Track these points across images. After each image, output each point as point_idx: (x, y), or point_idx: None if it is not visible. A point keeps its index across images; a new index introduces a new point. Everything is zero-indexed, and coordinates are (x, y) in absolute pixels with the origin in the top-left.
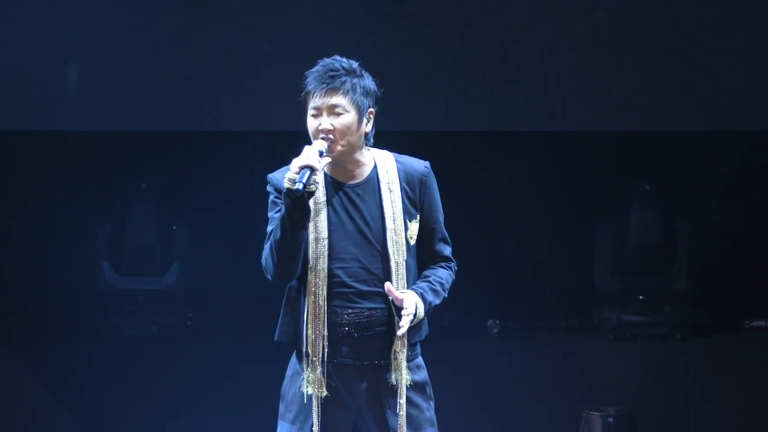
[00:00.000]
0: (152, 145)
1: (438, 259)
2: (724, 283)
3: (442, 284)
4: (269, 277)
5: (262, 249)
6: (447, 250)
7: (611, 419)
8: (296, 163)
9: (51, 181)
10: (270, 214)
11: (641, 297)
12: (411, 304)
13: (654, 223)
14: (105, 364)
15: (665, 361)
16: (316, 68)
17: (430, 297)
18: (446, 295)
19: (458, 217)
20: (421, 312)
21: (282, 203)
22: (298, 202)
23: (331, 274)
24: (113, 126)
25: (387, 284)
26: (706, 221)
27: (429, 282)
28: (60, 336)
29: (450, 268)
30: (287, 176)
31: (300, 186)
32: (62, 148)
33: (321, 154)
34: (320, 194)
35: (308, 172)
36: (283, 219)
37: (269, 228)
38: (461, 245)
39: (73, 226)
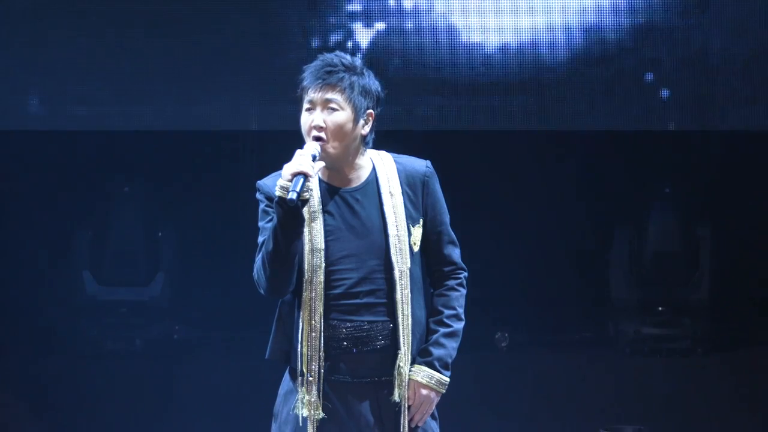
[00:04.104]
0: (136, 146)
1: (446, 264)
2: (750, 293)
3: (457, 315)
4: (262, 291)
5: (254, 261)
6: (455, 254)
7: None
8: (288, 169)
9: (27, 184)
10: (260, 224)
11: (660, 308)
12: (421, 413)
13: (674, 229)
14: (85, 380)
15: (686, 377)
16: (314, 63)
17: (447, 354)
18: (464, 321)
19: (465, 223)
20: (445, 380)
21: (273, 212)
22: (291, 211)
23: (328, 287)
24: (94, 125)
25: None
26: (730, 227)
27: (443, 324)
28: (37, 350)
29: (461, 285)
30: (279, 184)
31: (294, 195)
32: (39, 148)
33: (314, 159)
34: (315, 201)
35: (302, 179)
36: (275, 230)
37: (260, 239)
38: (468, 252)
39: (52, 232)
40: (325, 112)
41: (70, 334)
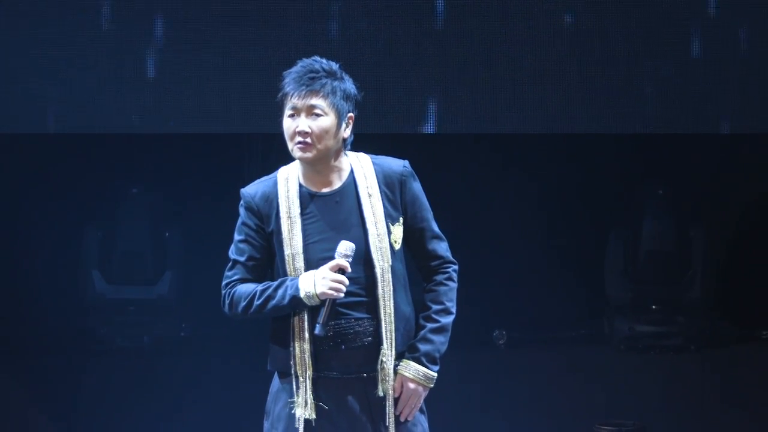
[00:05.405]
0: (144, 149)
1: (432, 259)
2: (741, 291)
3: (445, 310)
4: (226, 312)
5: (224, 275)
6: (441, 248)
7: None
8: (323, 286)
9: (38, 185)
10: (236, 237)
11: (654, 306)
12: (410, 407)
13: (667, 230)
14: (94, 377)
15: (679, 374)
16: (294, 68)
17: (435, 349)
18: (454, 314)
19: (463, 223)
20: (432, 375)
21: (248, 230)
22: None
23: None
24: (103, 128)
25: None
26: (722, 227)
27: (431, 319)
28: (47, 347)
29: (450, 279)
30: (304, 289)
31: (318, 329)
32: (49, 151)
33: (348, 260)
34: (294, 207)
35: (329, 304)
36: (275, 304)
37: (233, 255)
38: (466, 252)
39: (62, 233)
40: (309, 118)
41: (80, 331)
